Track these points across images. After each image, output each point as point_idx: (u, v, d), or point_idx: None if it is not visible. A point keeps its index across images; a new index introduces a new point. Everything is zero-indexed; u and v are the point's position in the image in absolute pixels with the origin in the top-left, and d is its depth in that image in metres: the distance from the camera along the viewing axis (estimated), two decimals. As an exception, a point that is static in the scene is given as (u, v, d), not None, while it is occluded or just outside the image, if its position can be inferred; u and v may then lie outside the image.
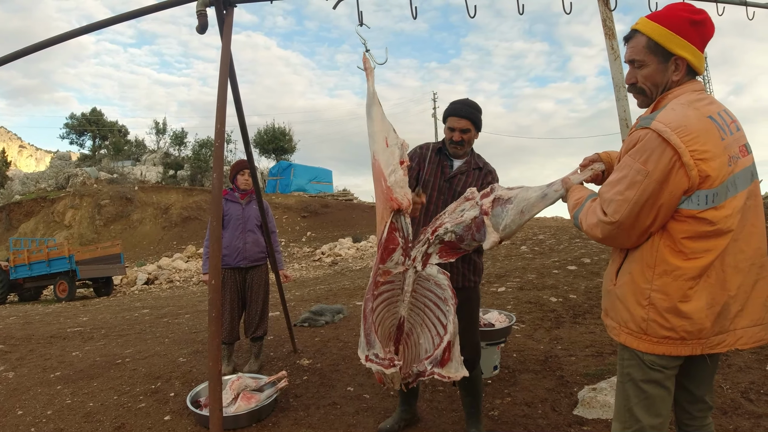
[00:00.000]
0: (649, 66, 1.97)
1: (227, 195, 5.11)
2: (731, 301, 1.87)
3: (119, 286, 19.49)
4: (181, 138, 43.87)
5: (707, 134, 1.78)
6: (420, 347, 2.84)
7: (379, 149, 2.83)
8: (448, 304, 2.75)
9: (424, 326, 2.88)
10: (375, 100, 2.93)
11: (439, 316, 2.80)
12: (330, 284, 12.68)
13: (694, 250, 1.84)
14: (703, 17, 1.91)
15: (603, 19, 3.80)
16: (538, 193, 2.40)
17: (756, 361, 4.28)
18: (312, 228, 28.97)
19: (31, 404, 4.40)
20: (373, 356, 2.66)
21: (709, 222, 1.81)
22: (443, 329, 2.74)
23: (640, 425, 1.98)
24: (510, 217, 2.47)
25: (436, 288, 2.81)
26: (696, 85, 1.95)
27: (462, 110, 3.32)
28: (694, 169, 1.75)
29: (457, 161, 3.43)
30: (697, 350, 1.89)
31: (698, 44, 1.92)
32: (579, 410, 3.74)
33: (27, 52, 3.21)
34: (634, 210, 1.83)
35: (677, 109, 1.83)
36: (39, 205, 34.96)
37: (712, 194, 1.79)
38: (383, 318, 2.84)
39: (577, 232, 15.95)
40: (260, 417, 3.87)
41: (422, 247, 2.79)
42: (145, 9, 3.22)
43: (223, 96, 3.06)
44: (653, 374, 1.96)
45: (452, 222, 2.70)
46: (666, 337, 1.90)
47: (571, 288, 7.90)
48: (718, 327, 1.88)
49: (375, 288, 2.76)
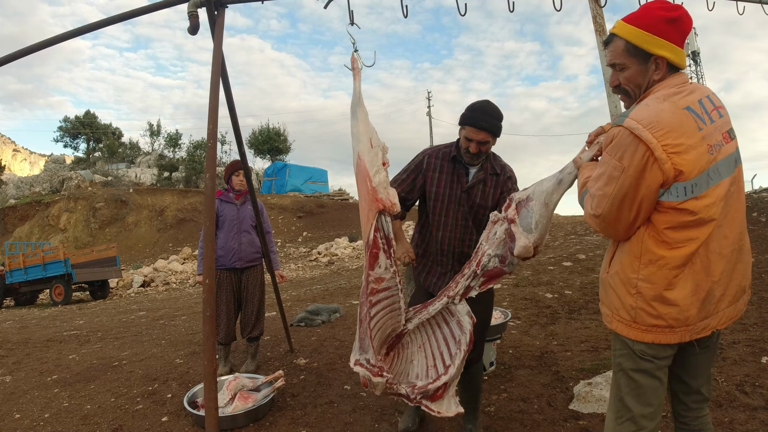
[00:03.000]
0: (630, 68, 2.00)
1: (222, 196, 5.10)
2: (715, 286, 1.92)
3: (115, 289, 19.45)
4: (176, 140, 43.75)
5: (681, 127, 1.80)
6: (410, 366, 2.87)
7: (364, 149, 2.84)
8: (460, 348, 2.76)
9: (422, 350, 2.90)
10: (361, 101, 2.93)
11: (443, 352, 2.81)
12: (326, 284, 12.68)
13: (677, 240, 1.87)
14: (677, 13, 1.92)
15: (593, 16, 3.82)
16: (553, 181, 2.43)
17: (751, 354, 4.30)
18: (308, 228, 28.96)
19: (29, 408, 4.39)
20: (364, 361, 2.67)
21: (690, 212, 1.83)
22: (443, 367, 2.75)
23: (631, 414, 2.02)
24: (537, 213, 2.49)
25: (456, 327, 2.84)
26: (676, 79, 1.96)
27: (482, 122, 3.06)
28: (667, 162, 1.78)
29: (472, 168, 3.28)
30: (685, 337, 1.93)
31: (676, 40, 1.93)
32: (575, 405, 3.76)
33: (19, 55, 3.21)
34: (615, 204, 1.88)
35: (651, 104, 1.86)
36: (34, 209, 34.84)
37: (691, 185, 1.81)
38: (383, 324, 2.85)
39: (572, 228, 15.99)
40: (257, 416, 3.87)
41: (467, 281, 2.78)
42: (136, 11, 3.22)
43: (215, 97, 3.07)
44: (643, 364, 1.99)
45: (491, 246, 2.70)
46: (654, 326, 1.93)
47: (566, 284, 7.93)
48: (704, 312, 1.93)
49: (371, 294, 2.76)
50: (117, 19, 3.22)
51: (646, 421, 2.01)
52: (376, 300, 2.80)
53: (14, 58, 3.22)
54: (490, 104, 3.14)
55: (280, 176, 36.63)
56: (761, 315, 5.29)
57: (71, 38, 3.22)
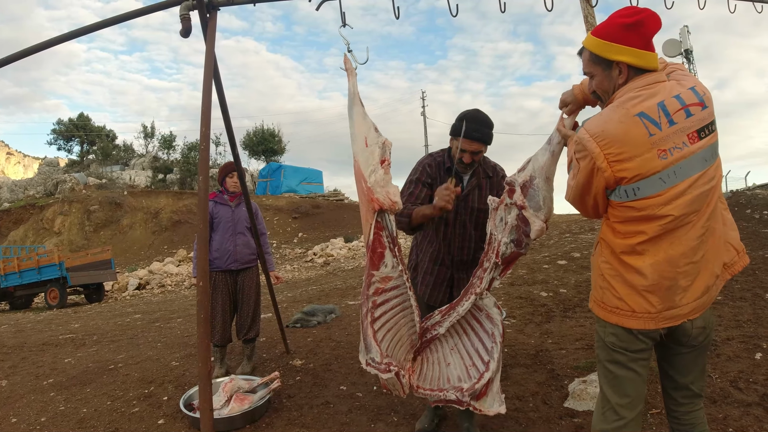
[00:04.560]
0: (597, 76, 2.13)
1: (216, 197, 5.10)
2: (680, 276, 2.00)
3: (110, 292, 19.37)
4: (170, 141, 43.54)
5: (626, 135, 1.92)
6: (448, 369, 2.82)
7: (358, 150, 2.82)
8: (495, 340, 2.76)
9: (455, 352, 2.87)
10: (356, 100, 2.92)
11: (478, 348, 2.79)
12: (322, 285, 12.68)
13: (624, 232, 2.05)
14: (635, 18, 1.99)
15: (585, 16, 3.85)
16: (547, 155, 2.51)
17: (745, 351, 4.33)
18: (303, 229, 28.95)
19: (25, 412, 4.38)
20: (370, 360, 2.66)
21: (636, 209, 1.98)
22: (483, 364, 2.73)
23: (610, 405, 2.14)
24: (543, 190, 2.54)
25: (486, 320, 2.83)
26: (639, 82, 2.02)
27: (475, 133, 3.06)
28: (608, 170, 1.96)
29: (465, 176, 3.29)
30: (649, 325, 2.04)
31: (637, 44, 2.00)
32: (570, 402, 3.78)
33: (14, 58, 3.21)
34: (577, 194, 2.13)
35: (604, 113, 2.03)
36: (28, 213, 34.69)
37: (632, 188, 1.96)
38: (396, 323, 2.83)
39: (567, 226, 16.05)
40: (254, 418, 3.88)
41: (490, 274, 2.77)
42: (129, 14, 3.22)
43: (208, 99, 3.07)
44: (616, 356, 2.13)
45: (504, 234, 2.69)
46: (617, 308, 2.10)
47: (561, 282, 7.95)
48: (668, 302, 2.02)
49: (376, 294, 2.74)
50: (111, 22, 3.22)
51: (626, 411, 2.11)
52: (383, 300, 2.76)
53: (9, 61, 3.22)
54: (480, 113, 3.14)
55: (275, 177, 36.56)
56: (755, 312, 5.33)
57: (66, 41, 3.22)
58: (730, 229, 2.17)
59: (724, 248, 2.11)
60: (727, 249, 2.12)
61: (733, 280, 6.34)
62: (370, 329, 2.67)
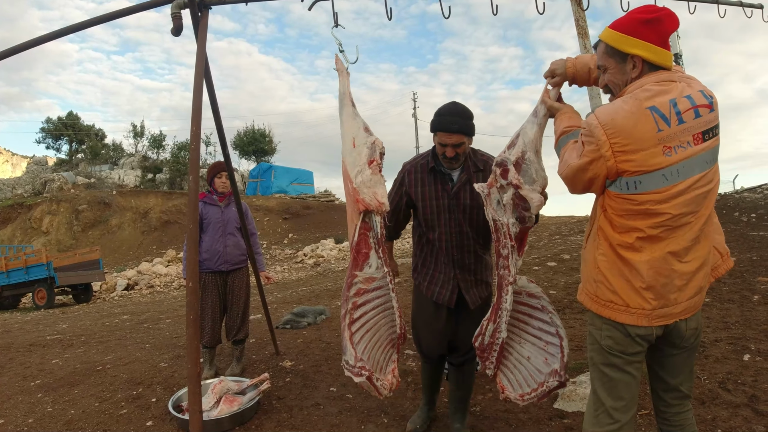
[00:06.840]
0: (610, 68, 2.13)
1: (205, 198, 5.06)
2: (675, 275, 2.01)
3: (99, 292, 19.23)
4: (160, 141, 43.29)
5: (634, 127, 1.91)
6: (531, 362, 2.77)
7: (345, 151, 2.81)
8: (548, 309, 2.75)
9: (525, 342, 2.82)
10: (346, 101, 2.91)
11: (541, 326, 2.76)
12: (312, 286, 12.66)
13: (621, 225, 2.04)
14: (656, 15, 2.00)
15: (576, 19, 3.86)
16: (535, 129, 2.53)
17: (733, 352, 4.36)
18: (294, 230, 28.88)
19: (12, 413, 4.34)
20: (344, 362, 2.64)
21: (635, 202, 1.98)
22: (554, 336, 2.70)
23: (604, 408, 2.13)
24: (535, 164, 2.54)
25: (530, 299, 2.80)
26: (652, 77, 2.02)
27: (452, 125, 2.98)
28: (611, 159, 1.95)
29: (455, 172, 3.20)
30: (642, 321, 2.05)
31: (654, 40, 2.01)
32: (559, 404, 3.79)
33: (3, 56, 3.19)
34: (571, 173, 2.11)
35: (616, 103, 2.00)
36: (15, 212, 34.35)
37: (634, 181, 1.95)
38: (376, 323, 2.81)
39: (557, 228, 16.10)
40: (243, 420, 3.86)
41: (514, 258, 2.72)
42: (122, 11, 3.21)
43: (198, 98, 3.06)
44: (611, 359, 2.12)
45: (507, 215, 2.66)
46: (611, 301, 2.09)
47: (551, 284, 7.97)
48: (662, 300, 2.03)
49: (357, 295, 2.72)
50: (101, 20, 3.21)
51: (620, 414, 2.11)
52: (364, 301, 2.75)
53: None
54: (457, 105, 3.07)
55: (266, 178, 36.42)
56: (743, 314, 5.36)
57: (56, 38, 3.20)
58: (716, 232, 2.20)
59: (708, 262, 2.13)
60: (712, 252, 2.15)
61: (721, 282, 6.39)
62: (347, 331, 2.65)
